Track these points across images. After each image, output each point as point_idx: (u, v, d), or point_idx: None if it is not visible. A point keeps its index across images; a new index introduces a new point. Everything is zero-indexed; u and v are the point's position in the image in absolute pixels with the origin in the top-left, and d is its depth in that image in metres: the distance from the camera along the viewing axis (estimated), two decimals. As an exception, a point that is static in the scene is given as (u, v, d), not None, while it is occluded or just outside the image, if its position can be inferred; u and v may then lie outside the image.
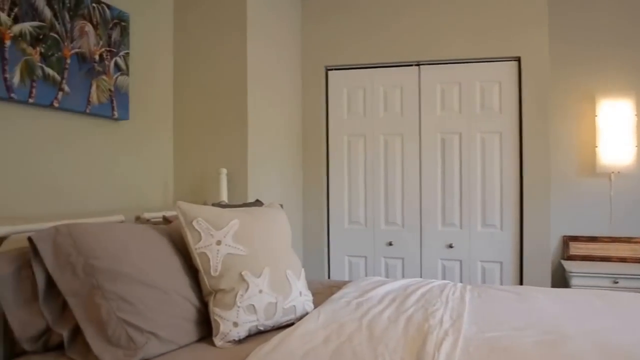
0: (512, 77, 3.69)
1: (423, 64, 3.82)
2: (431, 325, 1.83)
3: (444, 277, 3.77)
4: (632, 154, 3.68)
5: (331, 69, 4.00)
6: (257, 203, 2.60)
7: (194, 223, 1.89)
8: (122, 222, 2.15)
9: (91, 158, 2.62)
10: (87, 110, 2.53)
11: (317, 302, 2.18)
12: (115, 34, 2.71)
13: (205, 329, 1.83)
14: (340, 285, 2.56)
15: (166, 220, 2.38)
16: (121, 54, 2.75)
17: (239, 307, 1.81)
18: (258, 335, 1.86)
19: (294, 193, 3.86)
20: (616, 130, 3.68)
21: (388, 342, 1.68)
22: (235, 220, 1.95)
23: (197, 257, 1.87)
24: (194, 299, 1.85)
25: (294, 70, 3.90)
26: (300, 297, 2.01)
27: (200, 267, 1.87)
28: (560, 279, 3.78)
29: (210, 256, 1.86)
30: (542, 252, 3.64)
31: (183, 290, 1.84)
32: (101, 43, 2.61)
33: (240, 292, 1.82)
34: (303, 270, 2.12)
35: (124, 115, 2.78)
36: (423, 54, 3.80)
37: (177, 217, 1.93)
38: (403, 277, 3.79)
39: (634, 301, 2.24)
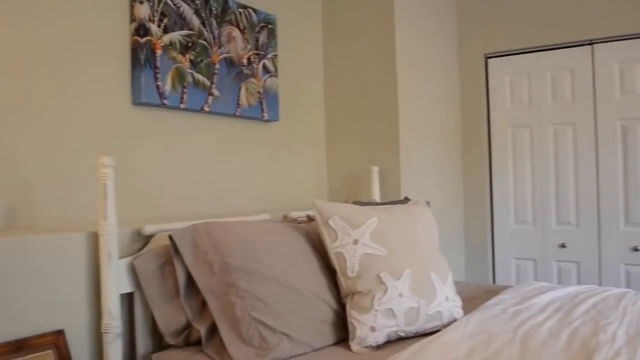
0: None
1: (597, 42, 3.37)
2: (600, 341, 1.55)
3: (627, 285, 3.28)
4: None
5: (491, 57, 3.72)
6: (404, 201, 2.47)
7: (330, 221, 1.82)
8: (267, 221, 2.15)
9: (242, 159, 2.69)
10: (237, 113, 2.60)
11: (471, 308, 1.98)
12: (262, 37, 2.76)
13: (343, 332, 1.75)
14: (498, 291, 2.32)
15: (310, 219, 2.35)
16: (269, 56, 2.79)
17: (376, 310, 1.69)
18: (399, 341, 1.73)
19: (452, 191, 3.64)
20: None
21: (544, 359, 1.45)
22: (373, 219, 1.84)
23: (333, 256, 1.80)
24: (331, 301, 1.78)
25: (450, 60, 3.69)
26: (447, 302, 1.84)
27: (337, 268, 1.79)
28: None
29: (346, 256, 1.78)
30: None
31: (319, 291, 1.77)
32: (249, 47, 2.67)
33: (378, 295, 1.71)
34: (450, 273, 1.94)
35: (274, 116, 2.81)
36: (597, 30, 3.35)
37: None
38: (578, 283, 3.37)
39: None
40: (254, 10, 2.71)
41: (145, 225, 1.79)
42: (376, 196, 2.94)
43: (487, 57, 3.73)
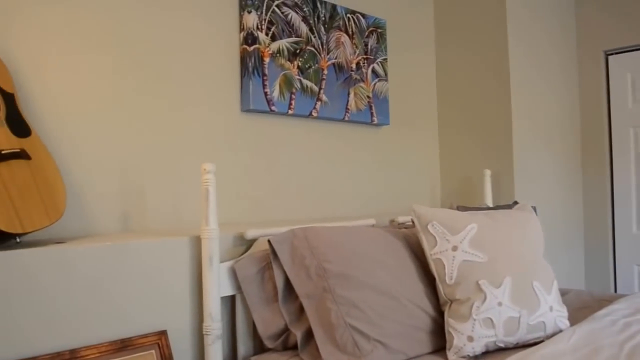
0: None
1: None
2: None
3: None
4: None
5: (611, 53, 3.44)
6: (510, 206, 2.33)
7: (429, 227, 1.77)
8: (369, 226, 2.13)
9: (351, 163, 2.70)
10: (346, 118, 2.61)
11: (580, 318, 1.83)
12: (371, 42, 2.75)
13: (441, 341, 1.69)
14: (612, 300, 2.12)
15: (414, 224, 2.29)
16: (378, 60, 2.78)
17: (474, 319, 1.61)
18: (498, 352, 1.65)
19: (570, 194, 3.39)
20: None
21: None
22: (472, 225, 1.76)
23: (432, 263, 1.75)
24: (428, 308, 1.73)
25: (568, 58, 3.46)
26: (551, 312, 1.71)
27: (436, 274, 1.74)
28: None
29: (445, 263, 1.71)
30: None
31: (416, 298, 1.73)
32: (357, 51, 2.68)
33: (476, 304, 1.63)
34: (555, 282, 1.80)
35: (384, 120, 2.79)
36: None
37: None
38: None
39: None
40: (363, 15, 2.71)
41: (248, 230, 1.85)
42: (488, 200, 2.82)
43: (607, 54, 3.48)
